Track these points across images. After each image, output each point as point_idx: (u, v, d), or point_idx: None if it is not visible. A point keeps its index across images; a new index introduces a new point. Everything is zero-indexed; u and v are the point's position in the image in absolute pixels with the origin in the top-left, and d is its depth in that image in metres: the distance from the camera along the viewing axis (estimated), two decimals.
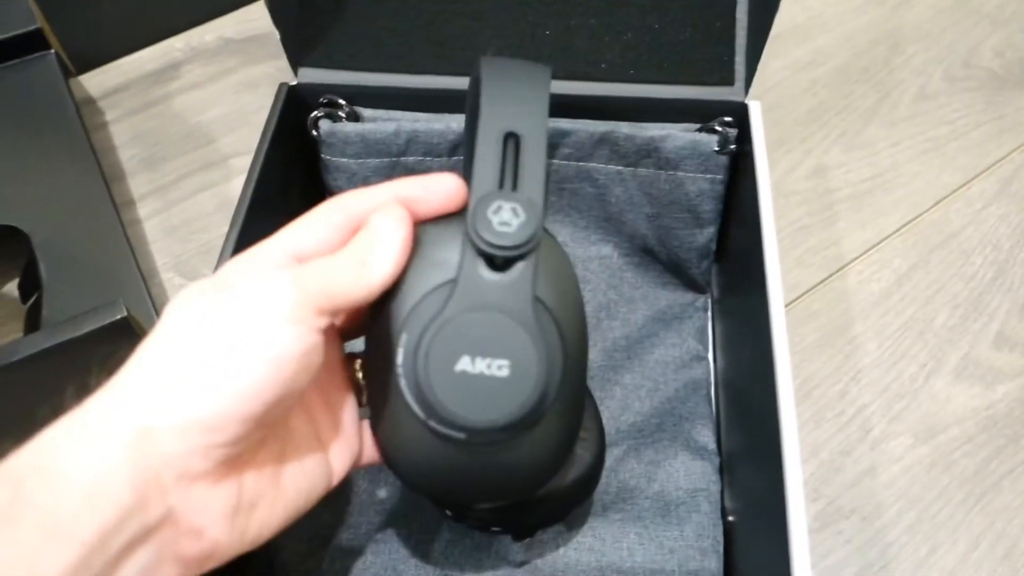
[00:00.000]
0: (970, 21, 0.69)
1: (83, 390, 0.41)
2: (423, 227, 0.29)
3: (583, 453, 0.37)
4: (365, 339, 0.31)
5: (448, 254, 0.28)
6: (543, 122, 0.30)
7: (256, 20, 0.67)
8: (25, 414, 0.39)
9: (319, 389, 0.31)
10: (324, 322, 0.26)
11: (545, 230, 0.29)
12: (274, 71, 0.64)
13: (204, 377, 0.24)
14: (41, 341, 0.39)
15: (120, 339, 0.40)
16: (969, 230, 0.57)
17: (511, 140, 0.29)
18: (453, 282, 0.28)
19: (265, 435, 0.27)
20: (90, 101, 0.62)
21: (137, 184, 0.58)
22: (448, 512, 0.38)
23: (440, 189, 0.29)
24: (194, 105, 0.63)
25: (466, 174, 0.30)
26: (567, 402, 0.30)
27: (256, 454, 0.27)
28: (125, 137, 0.61)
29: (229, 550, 0.26)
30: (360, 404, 0.33)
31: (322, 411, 0.31)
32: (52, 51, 0.56)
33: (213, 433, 0.24)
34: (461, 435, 0.28)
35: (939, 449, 0.48)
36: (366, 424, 0.33)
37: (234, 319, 0.25)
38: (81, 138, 0.53)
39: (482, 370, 0.27)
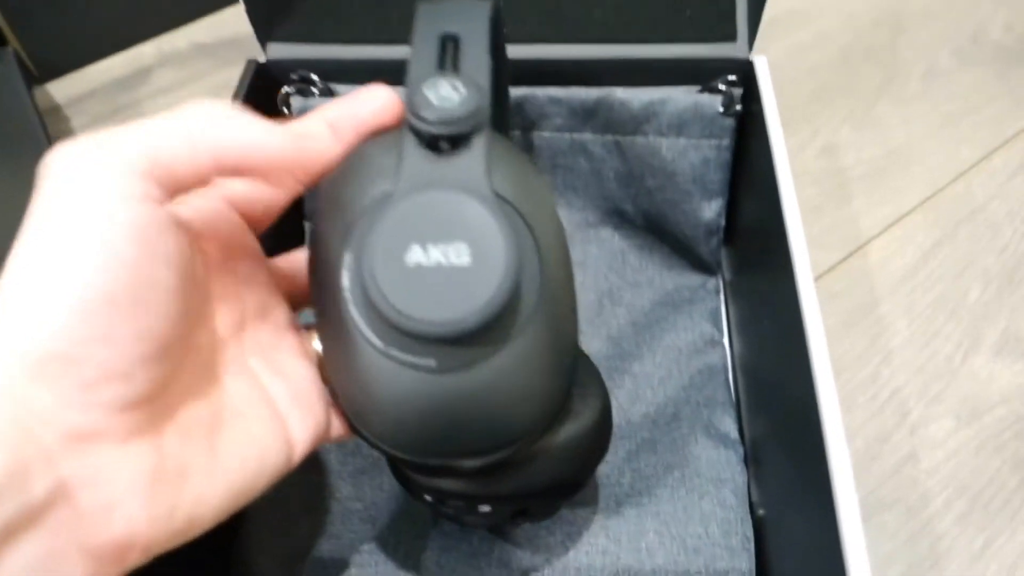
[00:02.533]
0: None
1: None
2: (359, 145, 0.26)
3: (582, 408, 0.31)
4: (309, 281, 0.27)
5: (387, 162, 0.24)
6: (484, 24, 0.27)
7: (229, 25, 0.64)
8: None
9: (264, 351, 0.27)
10: (154, 191, 0.21)
11: (498, 134, 0.25)
12: None
13: (37, 296, 0.19)
14: None
15: None
16: (995, 203, 0.53)
17: (449, 42, 0.27)
18: (395, 182, 0.24)
19: (176, 383, 0.22)
20: (55, 108, 0.59)
21: None
22: (427, 497, 0.33)
23: (371, 102, 0.26)
24: (164, 110, 0.59)
25: None
26: (551, 317, 0.25)
27: (176, 409, 0.22)
28: None
29: (155, 536, 0.21)
30: (324, 380, 0.28)
31: (272, 376, 0.26)
32: (10, 48, 0.53)
33: (78, 367, 0.19)
34: (430, 361, 0.23)
35: (986, 431, 0.43)
36: None
37: (53, 219, 0.20)
38: (40, 139, 0.50)
39: (439, 260, 0.22)
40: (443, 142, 0.24)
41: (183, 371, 0.23)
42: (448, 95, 0.24)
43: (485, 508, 0.32)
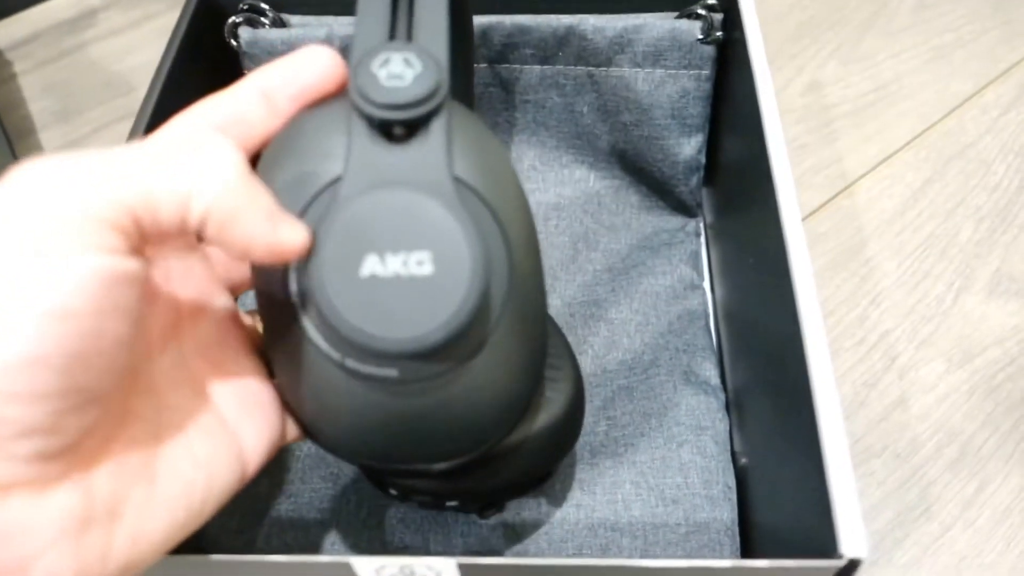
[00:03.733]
0: None
1: None
2: (298, 117, 0.22)
3: (553, 396, 0.30)
4: (252, 281, 0.23)
5: (333, 142, 0.21)
6: None
7: None
8: None
9: (205, 352, 0.23)
10: (122, 243, 0.18)
11: (458, 104, 0.22)
12: None
13: None
14: None
15: None
16: (987, 139, 0.51)
17: None
18: (344, 167, 0.21)
19: (111, 415, 0.20)
20: None
21: (49, 138, 0.52)
22: (392, 492, 0.31)
23: (311, 68, 0.22)
24: (113, 53, 0.56)
25: None
26: (521, 314, 0.23)
27: (108, 442, 0.20)
28: (36, 89, 0.54)
29: None
30: (272, 374, 0.25)
31: (218, 380, 0.23)
32: None
33: None
34: (391, 372, 0.21)
35: (978, 373, 0.41)
36: None
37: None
38: None
39: (397, 270, 0.20)
40: (397, 127, 0.21)
41: (117, 402, 0.20)
42: (400, 73, 0.20)
43: (452, 503, 0.32)
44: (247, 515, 0.35)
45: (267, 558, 0.24)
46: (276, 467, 0.36)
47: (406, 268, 0.20)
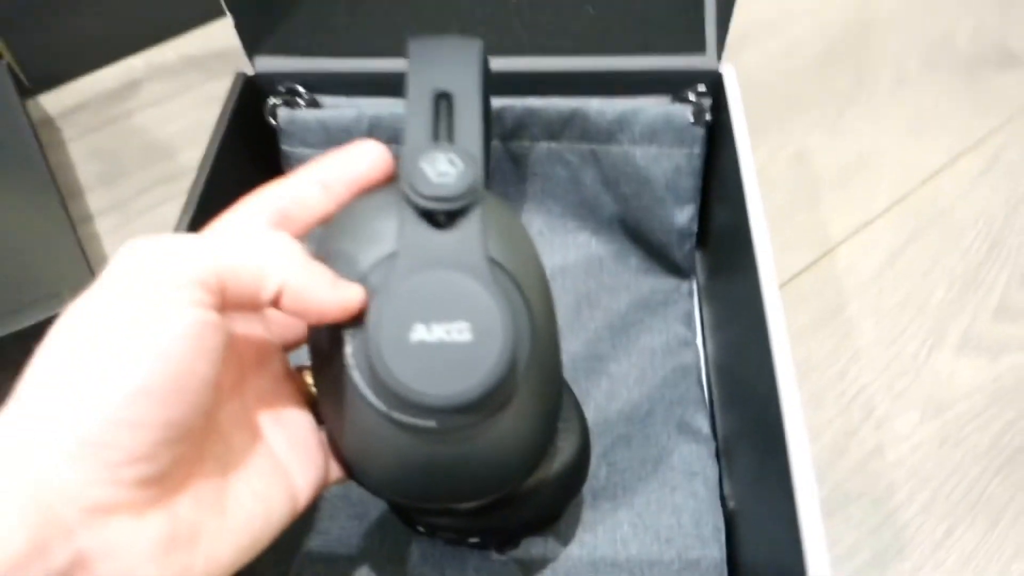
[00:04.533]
0: (942, 7, 0.69)
1: None
2: (353, 204, 0.27)
3: (564, 445, 0.34)
4: (308, 343, 0.28)
5: (385, 225, 0.26)
6: (475, 81, 0.29)
7: (218, 37, 0.66)
8: None
9: (264, 402, 0.28)
10: (211, 300, 0.22)
11: (490, 193, 0.27)
12: None
13: (82, 384, 0.20)
14: None
15: None
16: (960, 205, 0.55)
17: (443, 100, 0.29)
18: (395, 248, 0.26)
19: (192, 452, 0.23)
20: (47, 120, 0.60)
21: (96, 199, 0.56)
22: (420, 528, 0.35)
23: (363, 161, 0.27)
24: (155, 121, 0.61)
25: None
26: (541, 375, 0.27)
27: (189, 476, 0.23)
28: (83, 154, 0.59)
29: None
30: (319, 421, 0.29)
31: (273, 426, 0.27)
32: (3, 59, 0.55)
33: (107, 450, 0.20)
34: (431, 423, 0.25)
35: (948, 425, 0.45)
36: None
37: (113, 313, 0.21)
38: (33, 149, 0.51)
39: (441, 337, 0.24)
40: (441, 216, 0.26)
41: (196, 441, 0.24)
42: (445, 171, 0.25)
43: (474, 539, 0.36)
44: (281, 549, 0.38)
45: None
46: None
47: (448, 335, 0.24)
